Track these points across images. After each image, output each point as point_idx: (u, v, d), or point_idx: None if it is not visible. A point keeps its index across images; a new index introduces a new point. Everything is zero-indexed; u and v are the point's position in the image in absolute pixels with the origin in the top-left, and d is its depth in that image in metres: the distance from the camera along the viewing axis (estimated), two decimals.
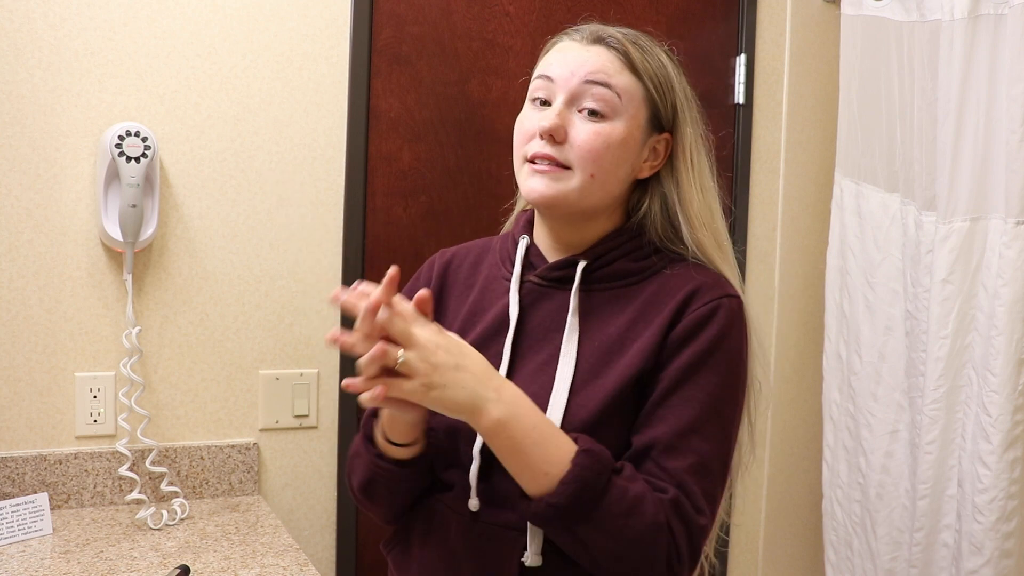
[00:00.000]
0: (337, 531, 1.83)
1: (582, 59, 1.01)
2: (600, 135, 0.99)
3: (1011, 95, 1.68)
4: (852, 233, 2.03)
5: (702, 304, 0.99)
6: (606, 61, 1.01)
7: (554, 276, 1.06)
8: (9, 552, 1.42)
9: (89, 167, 1.63)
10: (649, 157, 1.06)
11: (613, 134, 1.00)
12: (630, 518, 0.89)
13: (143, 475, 1.64)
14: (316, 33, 1.77)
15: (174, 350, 1.70)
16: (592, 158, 1.00)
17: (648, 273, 1.04)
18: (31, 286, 1.61)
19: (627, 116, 1.01)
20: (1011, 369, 1.67)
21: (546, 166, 1.00)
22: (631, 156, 1.03)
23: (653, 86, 1.03)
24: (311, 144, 1.78)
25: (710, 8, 2.10)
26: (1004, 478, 1.67)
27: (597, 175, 1.00)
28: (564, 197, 1.01)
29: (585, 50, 1.02)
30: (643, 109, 1.03)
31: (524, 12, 1.93)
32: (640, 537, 0.90)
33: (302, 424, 1.80)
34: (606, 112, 1.00)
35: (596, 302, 1.04)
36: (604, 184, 1.02)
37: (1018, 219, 1.67)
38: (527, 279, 1.07)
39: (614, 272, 1.04)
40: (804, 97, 2.17)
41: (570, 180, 1.00)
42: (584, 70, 1.00)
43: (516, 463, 0.91)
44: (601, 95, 1.00)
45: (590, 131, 1.00)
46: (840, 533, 2.04)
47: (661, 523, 0.90)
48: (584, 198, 1.01)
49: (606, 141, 1.00)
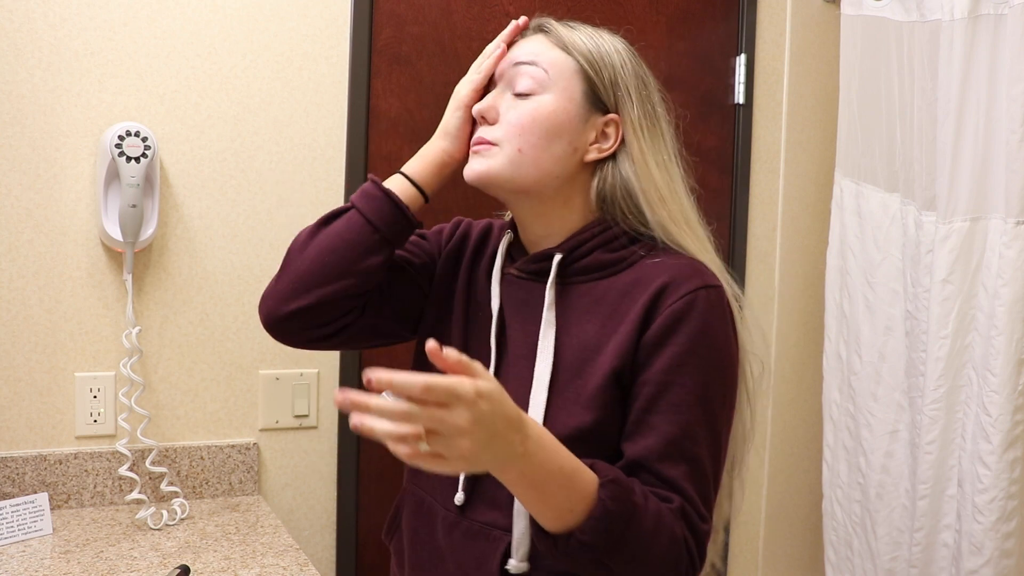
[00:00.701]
0: (337, 531, 1.84)
1: (520, 48, 1.06)
2: (527, 111, 1.01)
3: (1011, 95, 1.68)
4: (852, 233, 2.03)
5: (676, 299, 0.95)
6: (537, 43, 1.05)
7: (531, 269, 1.06)
8: (9, 552, 1.42)
9: (89, 167, 1.63)
10: (599, 139, 1.03)
11: (540, 108, 1.01)
12: (655, 537, 0.89)
13: (143, 475, 1.64)
14: (316, 33, 1.77)
15: (174, 350, 1.70)
16: (518, 132, 1.01)
17: (625, 264, 1.02)
18: (31, 286, 1.61)
19: (557, 89, 1.02)
20: (1011, 369, 1.67)
21: (479, 146, 1.04)
22: (566, 131, 1.01)
23: (585, 61, 1.03)
24: (311, 144, 1.78)
25: (710, 8, 2.10)
26: (1004, 478, 1.67)
27: (524, 149, 1.01)
28: (496, 173, 1.02)
29: (525, 41, 1.07)
30: (576, 82, 1.02)
31: (524, 12, 1.93)
32: (664, 554, 0.89)
33: (302, 424, 1.80)
34: (534, 89, 1.02)
35: (574, 295, 1.03)
36: (536, 160, 1.01)
37: (1018, 219, 1.67)
38: (507, 272, 1.08)
39: (590, 264, 1.03)
40: (804, 97, 2.18)
41: (497, 156, 1.02)
42: (515, 56, 1.05)
43: (539, 506, 0.87)
44: (528, 72, 1.02)
45: (519, 108, 1.02)
46: (840, 533, 2.04)
47: (678, 536, 0.90)
48: (516, 174, 1.01)
49: (532, 115, 1.01)
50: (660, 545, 0.89)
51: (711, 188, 2.11)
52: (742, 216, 2.14)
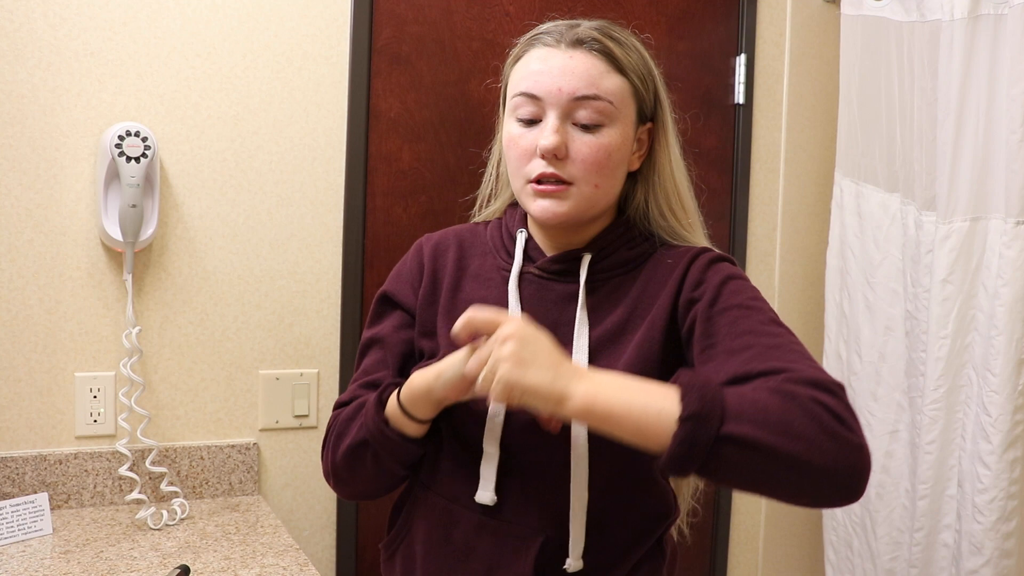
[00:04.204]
0: (337, 531, 1.84)
1: (566, 69, 0.99)
2: (601, 148, 1.00)
3: (1011, 95, 1.68)
4: (852, 233, 2.03)
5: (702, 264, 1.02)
6: (590, 67, 0.99)
7: (556, 269, 1.06)
8: (9, 552, 1.42)
9: (89, 167, 1.63)
10: (636, 149, 1.06)
11: (612, 143, 1.00)
12: (771, 397, 0.81)
13: (143, 475, 1.64)
14: (316, 33, 1.77)
15: (174, 350, 1.70)
16: (595, 171, 1.00)
17: (643, 259, 1.06)
18: (31, 286, 1.61)
19: (621, 118, 1.01)
20: (1011, 369, 1.67)
21: (551, 186, 1.00)
22: (627, 155, 1.04)
23: (638, 79, 1.03)
24: (311, 144, 1.78)
25: (710, 8, 2.10)
26: (1004, 478, 1.67)
27: (600, 184, 1.01)
28: (574, 215, 1.02)
29: (567, 58, 1.00)
30: (631, 104, 1.03)
31: (524, 12, 1.93)
32: (785, 412, 0.80)
33: (302, 424, 1.80)
34: (602, 122, 1.00)
35: (599, 293, 1.05)
36: (607, 191, 1.03)
37: (1018, 219, 1.67)
38: (526, 271, 1.08)
39: (614, 262, 1.06)
40: (804, 97, 2.18)
41: (576, 196, 1.01)
42: (571, 85, 0.98)
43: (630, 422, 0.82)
44: (595, 107, 0.99)
45: (591, 145, 0.99)
46: (840, 533, 2.04)
47: (795, 393, 0.82)
48: (591, 208, 1.03)
49: (607, 151, 1.00)
50: (779, 404, 0.81)
51: (711, 188, 2.11)
52: (742, 216, 2.14)
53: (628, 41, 1.04)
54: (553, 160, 0.99)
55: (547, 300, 1.05)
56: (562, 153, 0.99)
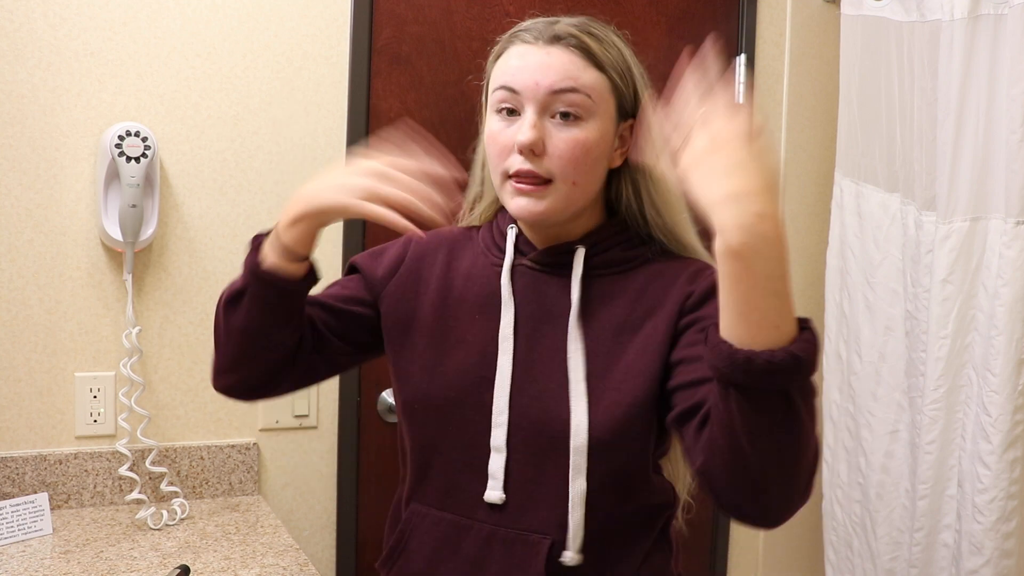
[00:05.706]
0: (337, 531, 1.84)
1: (544, 64, 0.99)
2: (579, 143, 0.99)
3: (1011, 95, 1.68)
4: (852, 233, 2.03)
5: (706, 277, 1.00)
6: (567, 63, 0.99)
7: (549, 261, 1.06)
8: (9, 552, 1.42)
9: (89, 167, 1.63)
10: (619, 145, 1.05)
11: (590, 138, 0.99)
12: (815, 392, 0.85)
13: (143, 475, 1.64)
14: (316, 33, 1.77)
15: (174, 350, 1.70)
16: (573, 166, 0.99)
17: (639, 261, 1.05)
18: (31, 286, 1.61)
19: (599, 112, 1.00)
20: (1011, 369, 1.67)
21: (529, 184, 0.99)
22: (607, 151, 1.03)
23: (617, 75, 1.02)
24: (311, 144, 1.78)
25: (710, 8, 2.10)
26: (1004, 478, 1.67)
27: (579, 181, 1.00)
28: (552, 212, 1.01)
29: (545, 53, 1.00)
30: (610, 100, 1.02)
31: (524, 12, 1.93)
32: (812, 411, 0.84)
33: (302, 424, 1.80)
34: (580, 114, 0.99)
35: (594, 289, 1.04)
36: (587, 188, 1.02)
37: (1018, 219, 1.67)
38: (518, 263, 1.07)
39: (610, 259, 1.05)
40: (804, 97, 2.17)
41: (555, 194, 1.00)
42: (548, 79, 0.98)
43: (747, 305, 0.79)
44: (572, 100, 0.98)
45: (568, 140, 0.98)
46: (840, 533, 2.04)
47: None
48: (570, 205, 1.02)
49: (584, 146, 0.99)
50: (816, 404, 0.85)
51: None
52: None
53: (607, 37, 1.03)
54: (531, 156, 0.99)
55: (541, 291, 1.05)
56: (539, 149, 0.98)
